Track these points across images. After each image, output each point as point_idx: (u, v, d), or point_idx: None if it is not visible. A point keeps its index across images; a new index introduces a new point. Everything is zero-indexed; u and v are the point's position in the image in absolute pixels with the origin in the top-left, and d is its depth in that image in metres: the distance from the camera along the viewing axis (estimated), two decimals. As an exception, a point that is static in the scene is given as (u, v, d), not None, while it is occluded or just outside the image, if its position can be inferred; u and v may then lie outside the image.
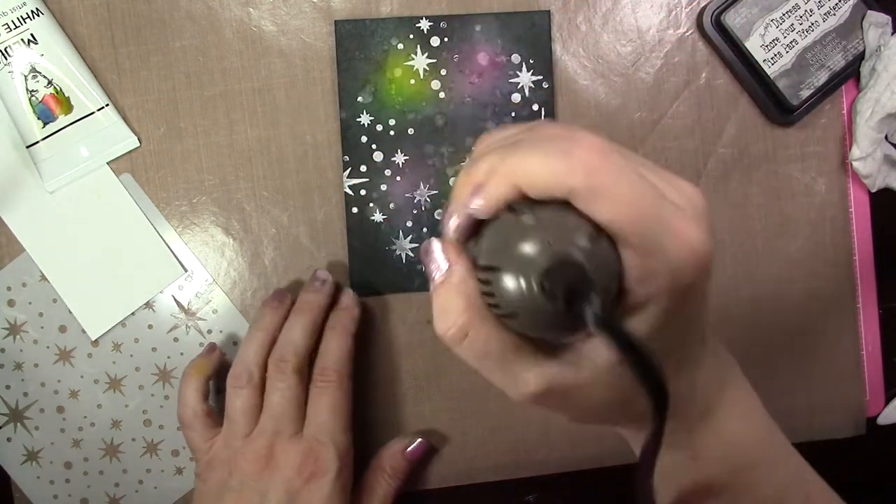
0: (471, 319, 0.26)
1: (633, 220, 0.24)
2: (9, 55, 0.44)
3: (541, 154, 0.24)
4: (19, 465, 0.48)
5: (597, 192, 0.24)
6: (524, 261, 0.24)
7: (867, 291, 0.51)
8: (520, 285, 0.24)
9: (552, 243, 0.24)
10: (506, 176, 0.25)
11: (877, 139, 0.47)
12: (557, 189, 0.24)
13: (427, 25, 0.46)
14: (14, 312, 0.47)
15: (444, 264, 0.27)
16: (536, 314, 0.24)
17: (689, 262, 0.25)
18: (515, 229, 0.25)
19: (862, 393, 0.51)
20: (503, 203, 0.25)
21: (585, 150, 0.24)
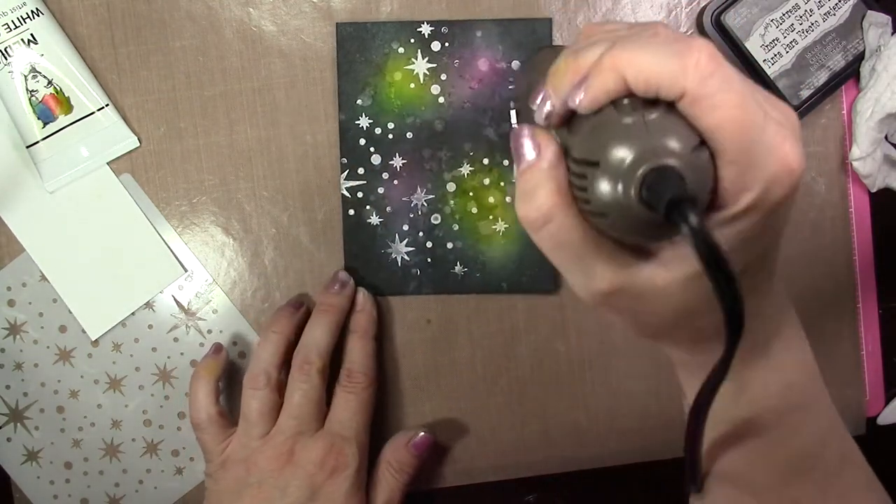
0: (557, 206, 0.26)
1: (738, 130, 0.24)
2: (9, 55, 0.44)
3: (655, 50, 0.24)
4: (19, 465, 0.48)
5: (708, 97, 0.23)
6: (625, 163, 0.24)
7: (867, 291, 0.51)
8: (616, 187, 0.24)
9: (656, 149, 0.23)
10: (615, 69, 0.24)
11: (877, 139, 0.47)
12: (669, 88, 0.24)
13: (428, 30, 0.46)
14: (14, 312, 0.47)
15: (533, 148, 0.26)
16: (627, 218, 0.24)
17: (783, 178, 0.25)
18: (618, 128, 0.24)
19: (862, 393, 0.51)
20: (608, 98, 0.25)
21: (700, 53, 0.23)
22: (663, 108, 0.24)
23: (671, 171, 0.23)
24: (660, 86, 0.24)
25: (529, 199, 0.26)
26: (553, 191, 0.26)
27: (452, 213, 0.47)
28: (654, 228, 0.24)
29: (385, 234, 0.47)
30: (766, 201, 0.25)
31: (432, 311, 0.49)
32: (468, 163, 0.47)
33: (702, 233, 0.22)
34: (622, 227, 0.25)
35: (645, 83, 0.24)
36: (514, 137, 0.27)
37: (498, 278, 0.48)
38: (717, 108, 0.23)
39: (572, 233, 0.26)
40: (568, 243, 0.26)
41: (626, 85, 0.24)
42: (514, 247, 0.47)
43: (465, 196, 0.47)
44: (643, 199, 0.23)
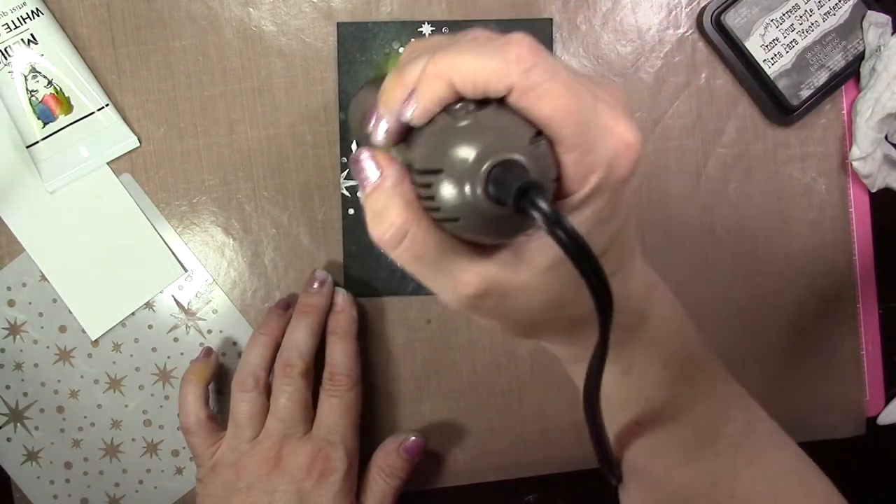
0: (409, 220, 0.26)
1: (570, 116, 0.24)
2: (9, 55, 0.44)
3: (476, 51, 0.24)
4: (19, 465, 0.48)
5: (534, 87, 0.24)
6: (467, 163, 0.24)
7: (867, 291, 0.51)
8: (463, 189, 0.24)
9: (494, 144, 0.24)
10: (439, 76, 0.25)
11: (877, 139, 0.47)
12: (496, 85, 0.24)
13: (429, 30, 0.46)
14: (14, 312, 0.47)
15: (375, 170, 0.26)
16: (479, 217, 0.24)
17: (624, 155, 0.25)
18: (454, 132, 0.24)
19: (862, 393, 0.51)
20: (439, 106, 0.25)
21: (520, 47, 0.24)
22: (495, 106, 0.25)
23: (514, 164, 0.23)
24: (486, 84, 0.24)
25: (380, 220, 0.26)
26: (402, 206, 0.26)
27: (452, 213, 0.47)
28: (506, 224, 0.25)
29: (385, 234, 0.47)
30: (611, 180, 0.25)
31: (432, 311, 0.49)
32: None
33: (553, 215, 0.22)
34: (476, 228, 0.25)
35: (472, 84, 0.24)
36: (353, 162, 0.27)
37: (498, 278, 0.48)
38: (544, 97, 0.24)
39: (428, 243, 0.26)
40: (426, 254, 0.26)
41: (454, 90, 0.25)
42: (514, 247, 0.47)
43: (465, 196, 0.47)
44: (491, 195, 0.23)
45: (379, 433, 0.48)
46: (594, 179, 0.25)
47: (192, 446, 0.44)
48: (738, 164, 0.49)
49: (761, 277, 0.50)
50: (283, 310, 0.46)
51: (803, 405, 0.51)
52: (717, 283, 0.50)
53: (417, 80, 0.25)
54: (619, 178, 0.25)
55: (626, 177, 0.26)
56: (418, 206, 0.26)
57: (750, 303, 0.50)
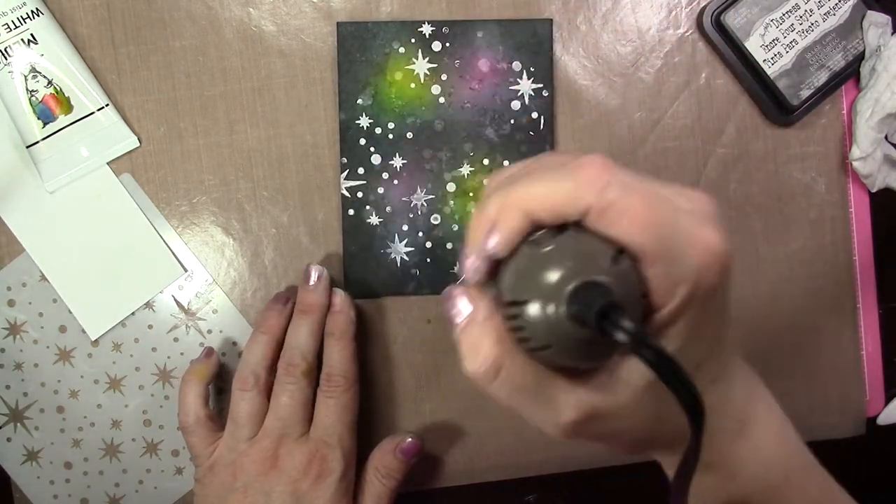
0: (502, 353, 0.26)
1: (650, 232, 0.24)
2: (9, 55, 0.44)
3: (548, 178, 0.25)
4: (19, 465, 0.48)
5: (610, 207, 0.24)
6: (550, 289, 0.24)
7: (867, 291, 0.51)
8: (547, 314, 0.24)
9: (575, 268, 0.24)
10: (516, 207, 0.25)
11: (877, 139, 0.47)
12: (571, 210, 0.24)
13: (429, 30, 0.46)
14: (14, 312, 0.47)
15: (467, 306, 0.27)
16: (568, 342, 0.24)
17: (711, 265, 0.25)
18: (536, 260, 0.25)
19: (862, 393, 0.51)
20: (519, 236, 0.25)
21: (592, 167, 0.24)
22: (574, 230, 0.25)
23: (596, 285, 0.23)
24: (562, 209, 0.24)
25: (475, 355, 0.26)
26: (495, 339, 0.26)
27: (452, 214, 0.47)
28: (597, 347, 0.25)
29: (385, 235, 0.47)
30: (699, 291, 0.25)
31: (432, 311, 0.49)
32: (468, 163, 0.47)
33: (636, 334, 0.22)
34: (568, 354, 0.25)
35: (548, 211, 0.24)
36: (445, 300, 0.27)
37: (498, 278, 0.48)
38: (623, 215, 0.24)
39: (525, 375, 0.26)
40: (523, 386, 0.26)
41: (532, 219, 0.25)
42: (514, 247, 0.47)
43: (465, 196, 0.47)
44: (576, 318, 0.23)
45: (379, 433, 0.48)
46: (682, 292, 0.25)
47: (190, 446, 0.44)
48: (738, 164, 0.49)
49: (761, 277, 0.50)
50: (282, 304, 0.45)
51: (803, 405, 0.51)
52: (717, 283, 0.50)
53: (497, 213, 0.25)
54: (709, 287, 0.25)
55: (715, 286, 0.25)
56: (509, 340, 0.26)
57: (750, 303, 0.50)
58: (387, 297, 0.48)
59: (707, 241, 0.25)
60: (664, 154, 0.49)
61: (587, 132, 0.48)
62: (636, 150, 0.49)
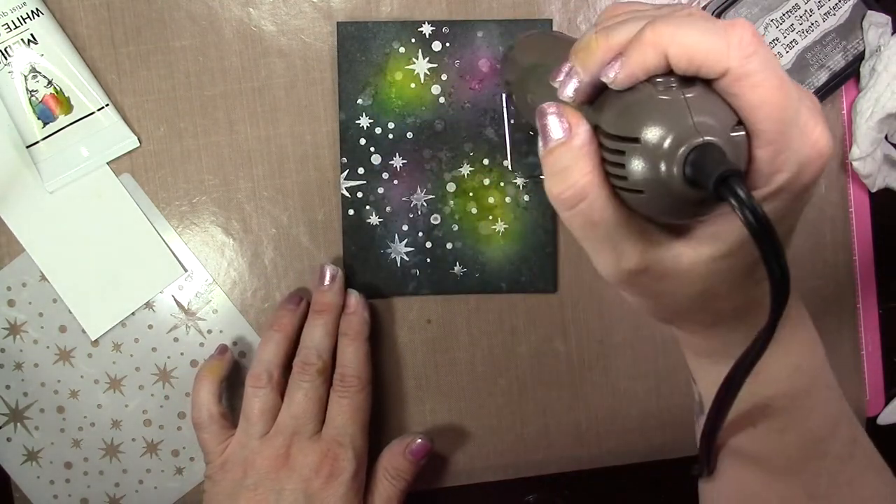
0: (591, 183, 0.25)
1: (777, 111, 0.23)
2: (9, 55, 0.44)
3: (699, 27, 0.24)
4: (19, 465, 0.48)
5: (749, 76, 0.23)
6: (666, 140, 0.23)
7: (867, 291, 0.51)
8: (657, 165, 0.23)
9: (698, 126, 0.23)
10: (656, 44, 0.24)
11: (877, 139, 0.47)
12: (713, 66, 0.23)
13: (429, 30, 0.46)
14: (14, 312, 0.47)
15: (562, 126, 0.26)
16: (666, 195, 0.24)
17: (815, 161, 0.25)
18: (657, 104, 0.24)
19: (862, 393, 0.51)
20: (646, 74, 0.24)
21: (744, 31, 0.23)
22: (701, 86, 0.24)
23: (715, 149, 0.23)
24: (704, 62, 0.23)
25: (563, 178, 0.25)
26: (587, 169, 0.25)
27: (452, 214, 0.47)
28: (690, 206, 0.24)
29: (385, 234, 0.47)
30: (796, 184, 0.25)
31: (432, 311, 0.49)
32: (468, 163, 0.47)
33: (751, 204, 0.21)
34: (658, 205, 0.25)
35: (688, 59, 0.24)
36: (539, 115, 0.26)
37: (497, 279, 0.48)
38: (757, 88, 0.23)
39: (605, 211, 0.25)
40: (599, 221, 0.26)
41: (665, 61, 0.24)
42: (513, 247, 0.47)
43: (464, 196, 0.47)
44: (687, 176, 0.23)
45: (379, 433, 0.48)
46: (780, 179, 0.25)
47: (202, 442, 0.44)
48: (738, 164, 0.49)
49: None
50: (295, 304, 0.45)
51: (803, 405, 0.51)
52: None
53: (629, 43, 0.24)
54: (805, 183, 0.25)
55: (810, 183, 0.25)
56: (602, 172, 0.25)
57: (750, 303, 0.50)
58: (387, 297, 0.48)
59: (818, 138, 0.25)
60: (664, 154, 0.49)
61: (587, 132, 0.48)
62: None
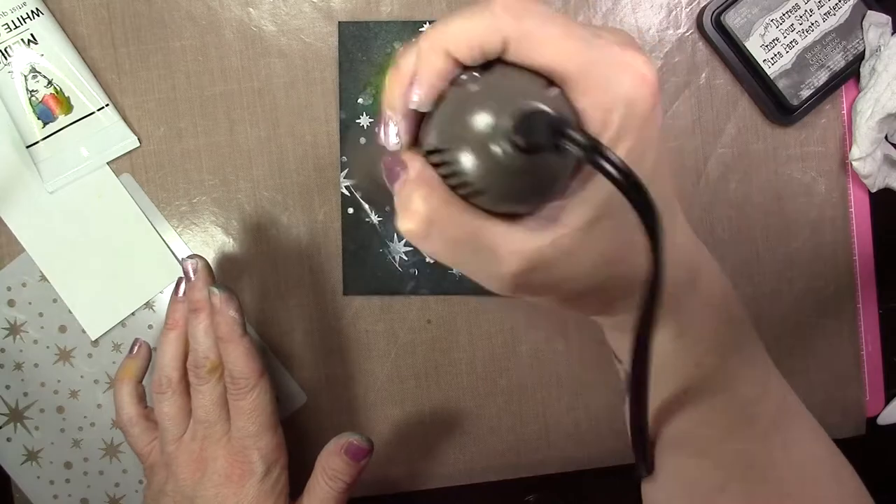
0: (434, 205, 0.24)
1: (575, 57, 0.23)
2: (9, 55, 0.44)
3: (461, 17, 0.24)
4: (19, 465, 0.48)
5: (530, 35, 0.23)
6: (488, 126, 0.23)
7: (867, 291, 0.51)
8: (489, 152, 0.23)
9: (512, 100, 0.23)
10: (434, 48, 0.24)
11: (877, 139, 0.47)
12: (490, 42, 0.23)
13: (428, 27, 0.46)
14: (14, 312, 0.47)
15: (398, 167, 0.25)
16: (510, 181, 0.23)
17: (640, 88, 0.24)
18: (465, 100, 0.24)
19: (862, 393, 0.51)
20: (443, 81, 0.24)
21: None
22: (500, 66, 0.24)
23: (538, 112, 0.23)
24: (481, 43, 0.23)
25: (407, 212, 0.25)
26: (427, 193, 0.24)
27: (452, 213, 0.47)
28: (538, 185, 0.24)
29: (383, 234, 0.47)
30: (633, 116, 0.24)
31: (432, 311, 0.49)
32: None
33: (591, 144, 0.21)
34: (508, 194, 0.24)
35: (468, 47, 0.23)
36: (385, 172, 0.26)
37: (498, 278, 0.48)
38: (544, 43, 0.23)
39: (462, 225, 0.25)
40: (461, 238, 0.25)
41: (453, 60, 0.24)
42: (514, 247, 0.47)
43: (465, 196, 0.47)
44: (522, 147, 0.22)
45: (379, 433, 0.48)
46: (616, 118, 0.24)
47: (130, 445, 0.44)
48: (738, 164, 0.49)
49: (761, 277, 0.50)
50: (183, 294, 0.43)
51: (803, 405, 0.51)
52: (717, 283, 0.50)
53: (416, 62, 0.24)
54: (642, 111, 0.24)
55: (648, 111, 0.24)
56: (444, 190, 0.25)
57: (750, 303, 0.50)
58: (385, 296, 0.48)
59: (633, 63, 0.24)
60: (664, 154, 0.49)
61: (587, 132, 0.48)
62: (636, 150, 0.49)
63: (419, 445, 0.49)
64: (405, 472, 0.49)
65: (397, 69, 0.25)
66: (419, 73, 0.24)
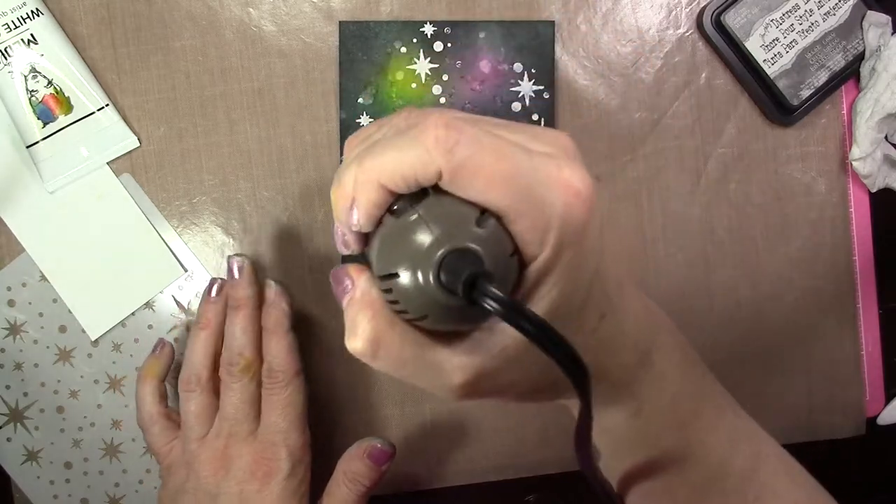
0: (378, 327, 0.25)
1: (507, 188, 0.23)
2: (9, 55, 0.44)
3: (394, 148, 0.24)
4: (19, 465, 0.48)
5: (461, 168, 0.23)
6: (417, 260, 0.23)
7: (867, 292, 0.51)
8: (418, 285, 0.23)
9: (439, 235, 0.23)
10: (368, 181, 0.24)
11: (877, 139, 0.47)
12: (423, 176, 0.23)
13: (431, 30, 0.46)
14: (14, 312, 0.47)
15: (344, 283, 0.26)
16: (443, 311, 0.24)
17: (574, 205, 0.24)
18: (399, 230, 0.24)
19: (862, 393, 0.51)
20: (379, 210, 0.25)
21: (437, 129, 0.23)
22: (434, 194, 0.24)
23: (462, 252, 0.23)
24: (414, 177, 0.23)
25: (353, 331, 0.25)
26: (371, 316, 0.25)
27: (452, 213, 0.47)
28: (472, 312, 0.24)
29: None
30: (569, 232, 0.24)
31: (432, 311, 0.48)
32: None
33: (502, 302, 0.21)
34: (446, 322, 0.25)
35: (401, 181, 0.24)
36: (333, 281, 0.27)
37: (498, 278, 0.48)
38: (476, 174, 0.23)
39: (406, 347, 0.25)
40: (406, 358, 0.25)
41: (388, 190, 0.24)
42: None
43: (465, 196, 0.47)
44: (446, 288, 0.23)
45: (379, 433, 0.48)
46: (552, 239, 0.24)
47: (149, 444, 0.44)
48: (738, 164, 0.49)
49: (761, 277, 0.50)
50: (215, 295, 0.44)
51: (803, 405, 0.51)
52: (716, 283, 0.50)
53: (353, 188, 0.25)
54: (577, 227, 0.24)
55: (584, 224, 0.24)
56: (388, 313, 0.25)
57: (750, 303, 0.50)
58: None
59: (567, 180, 0.24)
60: (664, 154, 0.49)
61: (587, 132, 0.48)
62: (636, 149, 0.49)
63: (419, 446, 0.49)
64: (405, 472, 0.49)
65: (339, 184, 0.25)
66: (357, 200, 0.25)
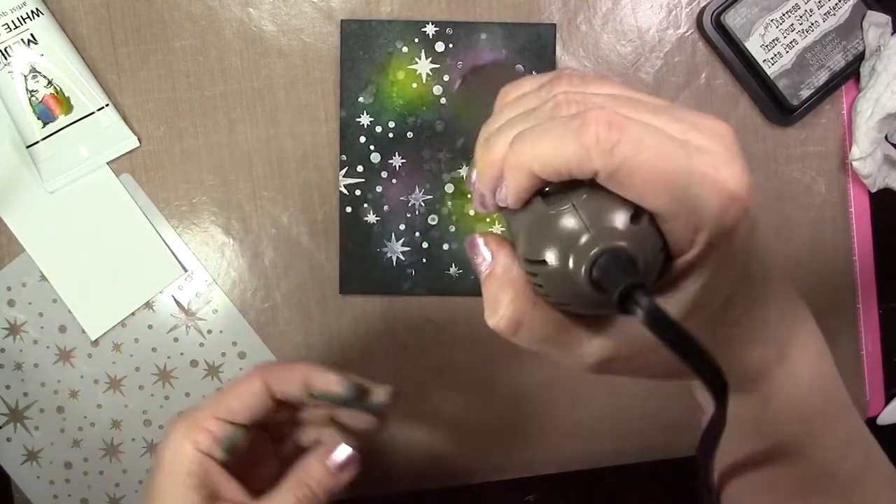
0: (520, 308, 0.25)
1: (664, 186, 0.23)
2: (9, 55, 0.44)
3: (551, 139, 0.23)
4: (19, 465, 0.48)
5: (621, 166, 0.23)
6: (569, 252, 0.23)
7: (867, 291, 0.51)
8: (568, 276, 0.23)
9: (593, 233, 0.23)
10: (520, 168, 0.24)
11: (877, 139, 0.47)
12: (579, 171, 0.23)
13: (433, 30, 0.46)
14: (14, 312, 0.47)
15: (487, 256, 0.26)
16: (589, 302, 0.24)
17: (730, 208, 0.24)
18: (550, 220, 0.24)
19: (862, 393, 0.51)
20: (528, 194, 0.25)
21: (598, 126, 0.23)
22: (587, 187, 0.24)
23: (616, 251, 0.23)
24: (569, 171, 0.23)
25: (495, 309, 0.26)
26: (513, 295, 0.25)
27: (450, 215, 0.47)
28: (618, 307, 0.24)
29: (381, 233, 0.47)
30: (720, 234, 0.24)
31: (433, 311, 0.49)
32: (468, 164, 0.47)
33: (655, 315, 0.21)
34: (589, 310, 0.25)
35: (555, 173, 0.23)
36: (469, 247, 0.27)
37: (498, 278, 0.48)
38: (634, 174, 0.23)
39: (546, 326, 0.26)
40: (546, 336, 0.26)
41: (540, 179, 0.24)
42: (514, 247, 0.47)
43: (463, 198, 0.47)
44: (596, 286, 0.23)
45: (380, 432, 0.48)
46: (702, 239, 0.24)
47: None
48: (738, 164, 0.49)
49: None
50: None
51: (803, 405, 0.51)
52: (717, 283, 0.50)
53: (502, 165, 0.25)
54: (729, 229, 0.24)
55: (735, 227, 0.24)
56: (529, 292, 0.26)
57: (750, 303, 0.50)
58: (385, 296, 0.48)
59: (724, 182, 0.23)
60: (664, 154, 0.49)
61: (587, 132, 0.48)
62: (636, 150, 0.49)
63: (419, 445, 0.49)
64: (405, 472, 0.49)
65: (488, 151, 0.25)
66: (507, 182, 0.25)
